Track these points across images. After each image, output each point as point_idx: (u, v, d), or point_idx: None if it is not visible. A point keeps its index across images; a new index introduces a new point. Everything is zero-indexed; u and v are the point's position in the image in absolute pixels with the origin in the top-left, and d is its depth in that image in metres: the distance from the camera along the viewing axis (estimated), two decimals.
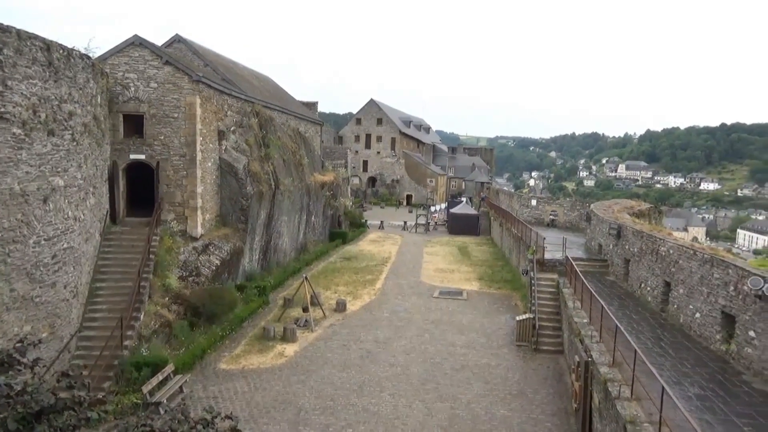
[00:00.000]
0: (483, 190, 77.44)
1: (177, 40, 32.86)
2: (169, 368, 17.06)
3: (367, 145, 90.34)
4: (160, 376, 16.40)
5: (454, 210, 58.00)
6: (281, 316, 24.75)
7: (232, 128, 28.77)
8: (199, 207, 24.57)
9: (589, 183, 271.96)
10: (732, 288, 15.22)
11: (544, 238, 27.65)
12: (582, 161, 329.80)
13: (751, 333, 14.11)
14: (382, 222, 57.40)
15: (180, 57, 27.92)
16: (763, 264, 18.88)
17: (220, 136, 27.22)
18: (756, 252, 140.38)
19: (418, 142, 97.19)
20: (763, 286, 13.35)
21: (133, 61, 23.62)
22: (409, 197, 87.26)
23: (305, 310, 24.19)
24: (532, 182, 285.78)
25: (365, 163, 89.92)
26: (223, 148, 27.37)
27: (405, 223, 58.28)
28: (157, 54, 23.88)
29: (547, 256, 26.79)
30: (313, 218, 39.94)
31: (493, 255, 42.10)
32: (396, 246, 45.10)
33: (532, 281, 24.74)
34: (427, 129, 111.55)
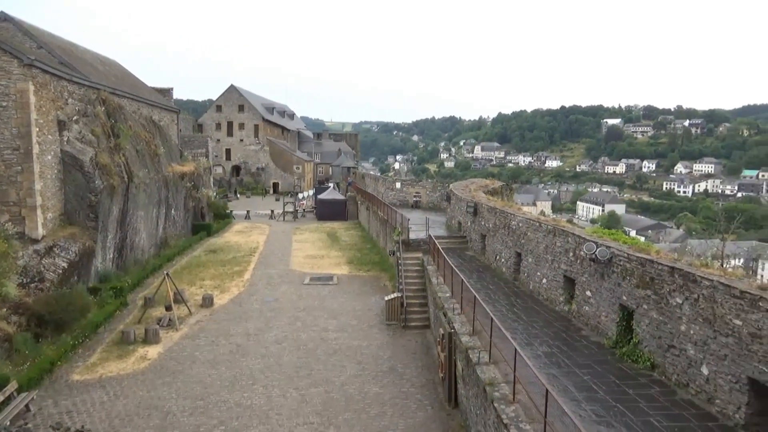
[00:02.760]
0: (349, 175, 78.04)
1: (2, 18, 29.06)
2: (12, 386, 15.32)
3: (230, 133, 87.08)
4: (0, 397, 14.68)
5: (322, 196, 58.03)
6: (142, 317, 23.25)
7: (75, 117, 26.25)
8: (38, 205, 22.21)
9: (450, 164, 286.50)
10: (571, 254, 16.95)
11: (409, 219, 28.68)
12: (442, 144, 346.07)
13: (588, 293, 15.85)
14: (248, 212, 55.92)
15: (7, 38, 24.75)
16: (596, 231, 21.12)
17: (61, 126, 24.72)
18: (593, 221, 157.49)
19: (283, 128, 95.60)
20: (596, 250, 15.00)
21: None
22: (275, 185, 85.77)
23: (168, 308, 22.95)
24: (396, 165, 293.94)
25: (228, 151, 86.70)
26: (65, 139, 24.90)
27: (272, 211, 57.30)
28: None
29: (412, 236, 27.83)
30: (173, 211, 37.82)
31: (361, 238, 42.89)
32: (264, 235, 44.25)
33: (399, 261, 25.61)
34: (292, 115, 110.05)
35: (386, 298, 23.87)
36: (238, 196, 75.96)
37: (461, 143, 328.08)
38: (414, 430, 14.75)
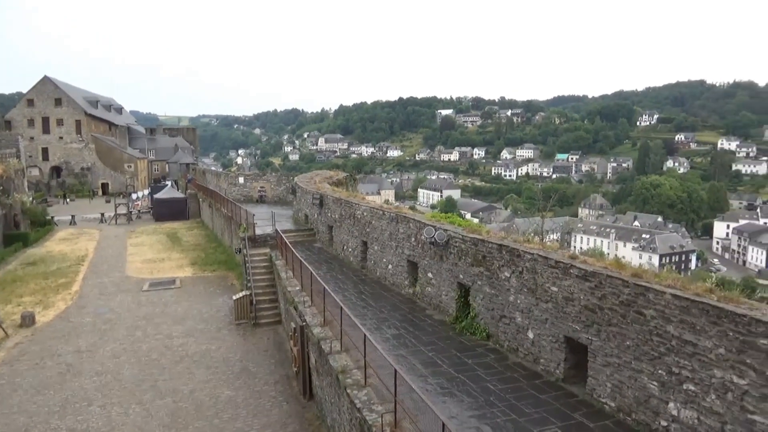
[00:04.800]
0: (189, 171, 73.92)
1: None
2: None
3: (46, 130, 77.68)
4: None
5: (159, 195, 54.33)
6: None
7: None
8: None
9: (294, 157, 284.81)
10: (413, 239, 17.79)
11: (254, 215, 28.01)
12: (286, 137, 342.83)
13: (430, 274, 16.77)
14: (73, 217, 50.51)
15: None
16: (435, 216, 22.39)
17: None
18: (432, 206, 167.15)
19: (110, 124, 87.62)
20: (434, 234, 15.91)
21: None
22: (104, 186, 78.42)
23: None
24: (239, 160, 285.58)
25: (45, 150, 77.38)
26: None
27: (102, 215, 52.39)
28: None
29: (259, 231, 27.23)
30: None
31: (205, 238, 41.00)
32: (93, 242, 40.32)
33: (246, 258, 24.91)
34: (119, 109, 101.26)
35: (234, 298, 23.11)
36: (68, 201, 68.07)
37: (305, 136, 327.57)
38: (270, 428, 14.54)
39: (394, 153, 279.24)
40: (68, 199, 68.56)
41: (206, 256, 34.26)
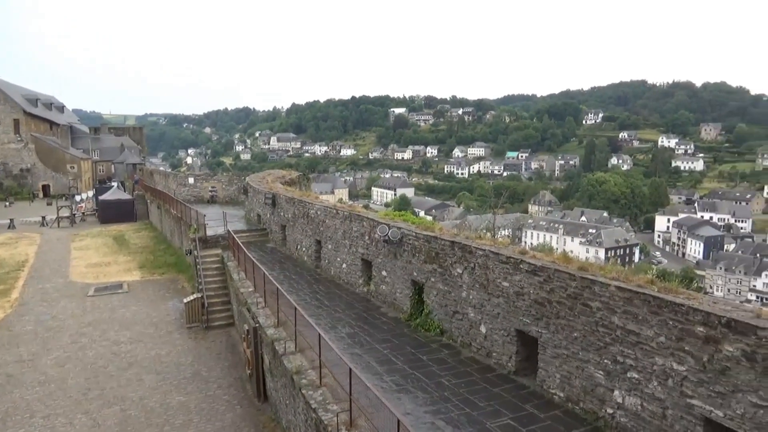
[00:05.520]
0: (136, 172, 71.69)
1: None
2: None
3: None
4: None
5: (105, 197, 52.52)
6: None
7: None
8: None
9: (246, 156, 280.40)
10: (367, 237, 17.81)
11: (205, 215, 27.42)
12: (237, 136, 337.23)
13: (384, 272, 16.83)
14: (11, 220, 48.15)
15: None
16: (388, 214, 22.47)
17: None
18: (386, 204, 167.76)
19: (51, 123, 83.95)
20: (388, 232, 15.97)
21: None
22: (46, 188, 75.13)
23: None
24: (189, 160, 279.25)
25: None
26: None
27: (44, 218, 50.20)
28: None
29: (210, 232, 26.67)
30: None
31: (154, 240, 39.87)
32: (34, 246, 38.58)
33: (197, 260, 24.36)
34: (61, 108, 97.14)
35: (185, 300, 22.58)
36: (7, 204, 64.67)
37: (257, 134, 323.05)
38: None
39: (347, 152, 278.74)
40: (7, 202, 65.34)
41: (155, 258, 33.33)
